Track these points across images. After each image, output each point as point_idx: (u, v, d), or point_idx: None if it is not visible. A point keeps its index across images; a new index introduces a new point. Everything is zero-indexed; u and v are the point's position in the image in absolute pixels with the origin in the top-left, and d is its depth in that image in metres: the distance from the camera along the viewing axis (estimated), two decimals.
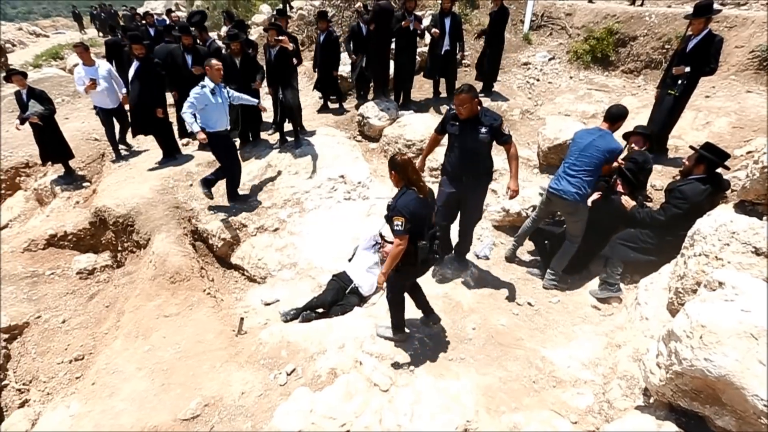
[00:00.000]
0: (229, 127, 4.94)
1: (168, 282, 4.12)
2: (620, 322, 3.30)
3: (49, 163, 6.18)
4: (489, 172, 3.56)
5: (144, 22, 8.81)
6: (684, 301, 2.04)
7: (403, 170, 2.74)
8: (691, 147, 3.62)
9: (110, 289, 4.66)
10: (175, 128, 6.46)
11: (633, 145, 4.03)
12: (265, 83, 5.94)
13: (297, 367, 3.15)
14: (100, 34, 19.35)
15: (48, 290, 4.62)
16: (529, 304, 3.69)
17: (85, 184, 6.23)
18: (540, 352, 3.16)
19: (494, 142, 3.38)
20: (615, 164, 3.74)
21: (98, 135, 7.12)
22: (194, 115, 4.55)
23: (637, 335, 2.90)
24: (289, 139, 6.14)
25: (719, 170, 3.49)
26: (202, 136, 4.55)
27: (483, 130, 3.29)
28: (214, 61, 4.65)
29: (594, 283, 3.82)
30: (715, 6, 4.56)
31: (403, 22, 5.97)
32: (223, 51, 6.20)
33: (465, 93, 3.19)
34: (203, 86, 4.58)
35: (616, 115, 3.46)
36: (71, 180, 6.19)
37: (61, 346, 4.13)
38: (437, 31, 6.19)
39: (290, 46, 5.46)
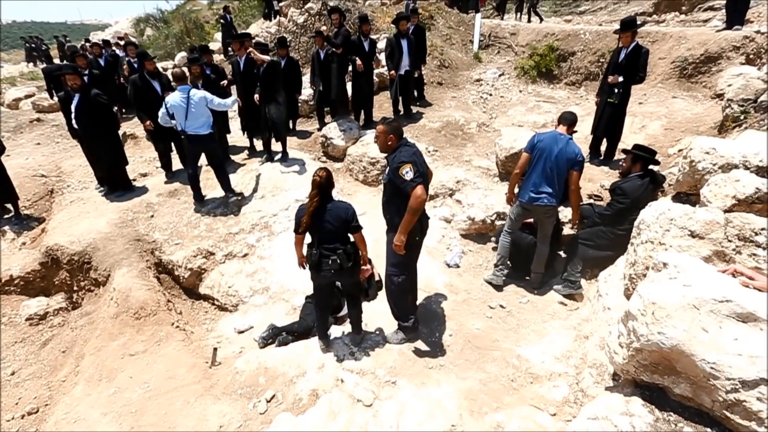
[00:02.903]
0: (207, 132, 5.22)
1: (132, 318, 3.91)
2: (586, 314, 3.49)
3: None
4: (395, 227, 2.95)
5: (91, 52, 8.56)
6: (637, 285, 2.23)
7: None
8: (623, 150, 4.02)
9: (66, 333, 4.33)
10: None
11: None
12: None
13: (277, 393, 3.06)
14: (32, 64, 18.65)
15: None
16: (501, 306, 3.82)
17: (32, 224, 5.83)
18: (515, 351, 3.27)
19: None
20: None
21: (44, 171, 6.73)
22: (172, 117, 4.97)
23: (601, 325, 3.08)
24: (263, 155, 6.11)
25: (654, 167, 3.87)
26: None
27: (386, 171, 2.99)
28: (184, 68, 5.31)
29: (557, 281, 4.03)
30: (638, 21, 5.12)
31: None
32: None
33: (382, 124, 2.94)
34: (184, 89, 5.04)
35: (572, 120, 3.73)
36: (18, 220, 5.78)
37: (10, 401, 3.76)
38: (394, 73, 6.64)
39: (266, 58, 5.66)
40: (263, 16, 12.97)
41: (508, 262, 4.05)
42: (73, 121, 5.37)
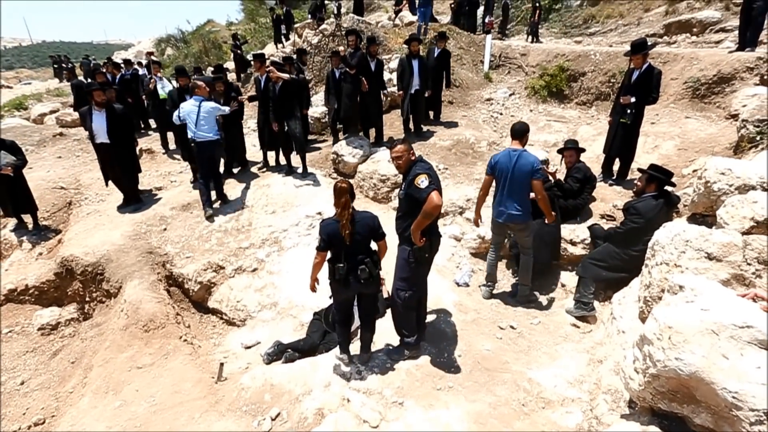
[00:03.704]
0: (214, 137, 5.57)
1: (141, 331, 3.93)
2: (599, 337, 3.39)
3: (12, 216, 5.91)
4: (406, 239, 3.00)
5: (105, 70, 8.91)
6: (652, 308, 2.16)
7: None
8: (639, 170, 3.98)
9: (76, 344, 4.37)
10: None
11: (567, 159, 4.69)
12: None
13: (282, 411, 3.02)
14: (57, 80, 19.48)
15: (5, 350, 4.29)
16: (512, 327, 3.74)
17: (49, 235, 5.97)
18: (526, 374, 3.18)
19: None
20: (551, 176, 4.35)
21: (64, 183, 6.93)
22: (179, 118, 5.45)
23: (616, 349, 2.98)
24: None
25: (668, 188, 3.81)
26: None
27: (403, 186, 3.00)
28: (200, 82, 5.63)
29: (569, 302, 3.94)
30: (649, 43, 5.14)
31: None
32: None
33: (399, 144, 2.97)
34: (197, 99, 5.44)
35: (521, 131, 3.69)
36: (36, 231, 5.92)
37: (18, 411, 3.78)
38: (402, 93, 6.83)
39: (284, 76, 5.89)
40: (274, 41, 13.41)
41: (497, 277, 4.22)
42: (97, 135, 5.54)
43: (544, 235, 4.13)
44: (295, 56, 8.14)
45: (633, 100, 4.89)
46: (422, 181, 2.76)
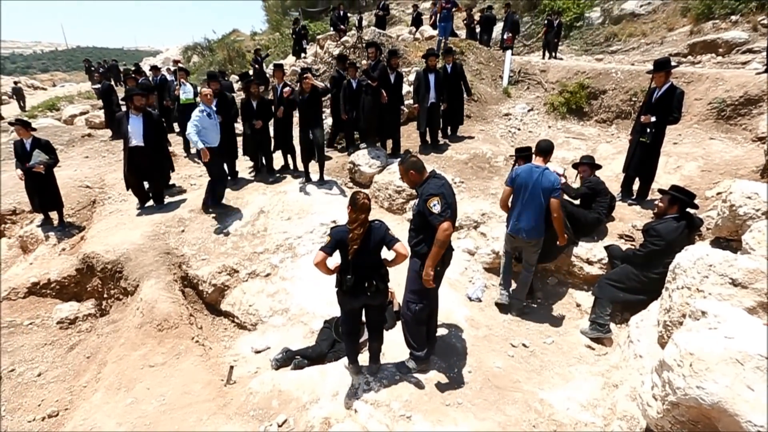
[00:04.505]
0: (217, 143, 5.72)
1: (155, 330, 3.99)
2: (615, 361, 3.30)
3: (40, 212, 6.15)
4: (418, 253, 3.02)
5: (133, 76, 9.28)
6: (672, 333, 2.10)
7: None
8: (660, 191, 3.91)
9: (92, 339, 4.47)
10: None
11: (581, 173, 4.73)
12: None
13: (289, 418, 3.01)
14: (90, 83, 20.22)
15: (25, 341, 4.41)
16: (524, 345, 3.67)
17: (73, 231, 6.17)
18: (538, 394, 3.11)
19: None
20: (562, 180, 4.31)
21: (90, 182, 7.17)
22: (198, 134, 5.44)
23: (632, 374, 2.89)
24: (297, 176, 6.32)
25: (691, 210, 3.72)
26: (206, 153, 5.42)
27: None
28: (205, 90, 5.78)
29: (584, 322, 3.86)
30: (672, 62, 5.08)
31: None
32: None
33: (400, 164, 2.96)
34: (202, 110, 5.55)
35: (546, 149, 3.77)
36: (61, 227, 6.13)
37: (34, 402, 3.86)
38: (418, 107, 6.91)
39: (320, 85, 6.17)
40: (293, 53, 13.69)
41: (511, 281, 4.18)
42: (132, 138, 5.66)
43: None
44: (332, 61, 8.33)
45: (653, 119, 4.82)
46: (434, 205, 2.73)
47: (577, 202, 4.65)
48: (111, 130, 9.91)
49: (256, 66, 12.33)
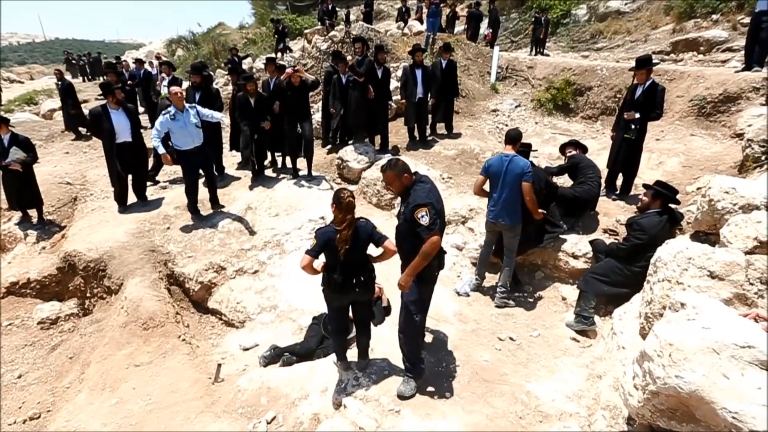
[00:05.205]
0: (197, 145, 5.34)
1: (140, 328, 3.93)
2: (599, 352, 3.37)
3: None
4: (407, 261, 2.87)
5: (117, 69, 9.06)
6: (653, 324, 2.16)
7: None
8: (645, 185, 3.99)
9: (75, 339, 4.38)
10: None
11: (569, 153, 4.98)
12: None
13: (278, 415, 3.01)
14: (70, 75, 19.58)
15: (4, 342, 4.31)
16: (511, 338, 3.72)
17: (53, 229, 6.01)
18: (525, 386, 3.16)
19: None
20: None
21: (71, 179, 6.98)
22: (161, 139, 5.12)
23: (616, 365, 2.96)
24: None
25: (673, 205, 3.81)
26: (167, 158, 5.16)
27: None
28: (174, 89, 5.26)
29: (569, 315, 3.93)
30: (655, 60, 5.18)
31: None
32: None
33: (387, 170, 2.81)
34: (166, 113, 5.12)
35: (514, 137, 4.00)
36: (40, 225, 5.97)
37: (14, 404, 3.78)
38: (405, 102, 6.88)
39: (309, 78, 6.01)
40: (274, 51, 13.35)
41: (485, 274, 4.40)
42: (120, 134, 5.47)
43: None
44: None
45: (637, 115, 4.91)
46: (422, 216, 2.61)
47: (563, 182, 4.76)
48: (74, 133, 9.29)
49: (230, 66, 11.74)
